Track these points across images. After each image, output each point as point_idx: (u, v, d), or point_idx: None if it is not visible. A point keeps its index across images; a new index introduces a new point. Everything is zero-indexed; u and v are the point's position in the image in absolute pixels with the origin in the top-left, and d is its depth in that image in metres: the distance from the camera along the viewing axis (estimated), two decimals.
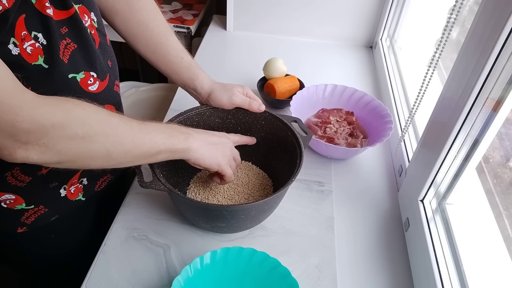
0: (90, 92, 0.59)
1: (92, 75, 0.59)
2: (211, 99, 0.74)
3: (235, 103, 0.74)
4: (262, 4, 1.29)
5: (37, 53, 0.50)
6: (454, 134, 0.59)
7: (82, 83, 0.58)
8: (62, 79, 0.55)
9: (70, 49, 0.55)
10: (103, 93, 0.62)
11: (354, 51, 1.31)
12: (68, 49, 0.55)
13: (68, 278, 0.77)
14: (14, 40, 0.48)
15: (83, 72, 0.58)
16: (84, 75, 0.58)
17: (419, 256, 0.65)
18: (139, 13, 0.72)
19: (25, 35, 0.49)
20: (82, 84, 0.58)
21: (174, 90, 1.10)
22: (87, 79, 0.58)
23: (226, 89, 0.74)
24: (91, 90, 0.60)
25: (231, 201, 0.73)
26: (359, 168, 0.88)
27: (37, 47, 0.50)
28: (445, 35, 0.63)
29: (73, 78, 0.56)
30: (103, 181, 0.73)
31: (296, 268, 0.65)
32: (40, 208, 0.65)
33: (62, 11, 0.54)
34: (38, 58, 0.51)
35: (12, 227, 0.66)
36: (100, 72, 0.61)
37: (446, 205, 0.68)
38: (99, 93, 0.61)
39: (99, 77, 0.61)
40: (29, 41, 0.49)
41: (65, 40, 0.54)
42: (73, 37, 0.55)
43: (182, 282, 0.57)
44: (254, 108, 0.75)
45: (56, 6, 0.53)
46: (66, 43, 0.54)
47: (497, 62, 0.51)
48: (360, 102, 0.94)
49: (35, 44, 0.50)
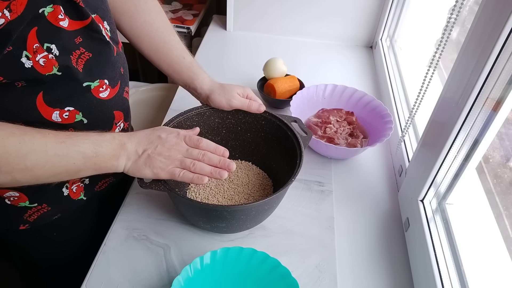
0: (101, 99, 0.60)
1: (105, 83, 0.60)
2: (210, 100, 0.74)
3: (234, 106, 0.74)
4: (262, 4, 1.29)
5: (51, 64, 0.51)
6: (454, 134, 0.59)
7: (94, 90, 0.59)
8: (76, 87, 0.56)
9: (85, 58, 0.56)
10: (113, 99, 0.63)
11: (354, 51, 1.31)
12: (82, 59, 0.56)
13: (68, 277, 0.77)
14: (26, 53, 0.48)
15: (98, 80, 0.59)
16: (98, 83, 0.59)
17: (419, 256, 0.65)
18: (145, 14, 0.73)
19: (37, 48, 0.49)
20: (94, 92, 0.59)
21: (174, 90, 1.10)
22: (100, 87, 0.59)
23: (226, 91, 0.74)
24: (101, 97, 0.60)
25: (231, 201, 0.73)
26: (359, 168, 0.88)
27: (50, 59, 0.51)
28: (445, 35, 0.63)
29: (87, 86, 0.57)
30: (104, 182, 0.73)
31: (296, 268, 0.65)
32: (43, 206, 0.65)
33: (77, 22, 0.54)
34: (53, 69, 0.51)
35: (15, 224, 0.66)
36: (112, 80, 0.61)
37: (446, 205, 0.68)
38: (109, 100, 0.62)
39: (110, 84, 0.61)
40: (42, 53, 0.50)
41: (79, 50, 0.55)
42: (87, 47, 0.56)
43: (182, 282, 0.57)
44: (253, 109, 0.74)
45: (72, 17, 0.53)
46: (80, 53, 0.55)
47: (497, 62, 0.51)
48: (360, 102, 0.94)
49: (48, 55, 0.50)
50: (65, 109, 0.56)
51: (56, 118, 0.55)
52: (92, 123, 0.60)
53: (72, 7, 0.53)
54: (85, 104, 0.58)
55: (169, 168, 0.58)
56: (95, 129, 0.62)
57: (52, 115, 0.55)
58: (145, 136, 0.60)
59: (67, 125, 0.58)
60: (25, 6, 0.46)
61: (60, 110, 0.55)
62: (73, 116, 0.57)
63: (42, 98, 0.53)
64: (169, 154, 0.59)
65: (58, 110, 0.55)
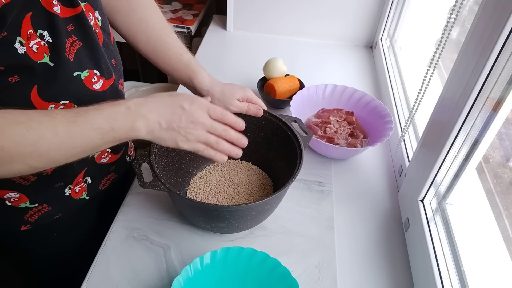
0: (95, 90, 0.60)
1: (95, 73, 0.59)
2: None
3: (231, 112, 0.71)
4: (262, 4, 1.29)
5: (42, 51, 0.51)
6: (454, 134, 0.59)
7: (86, 81, 0.58)
8: (67, 77, 0.55)
9: (76, 47, 0.55)
10: (108, 91, 0.62)
11: (354, 51, 1.31)
12: (74, 47, 0.55)
13: (68, 277, 0.77)
14: (20, 39, 0.48)
15: (88, 70, 0.58)
16: (88, 73, 0.58)
17: (419, 256, 0.65)
18: (140, 11, 0.72)
19: (31, 34, 0.49)
20: (86, 82, 0.58)
21: (174, 90, 1.10)
22: (91, 77, 0.59)
23: (225, 96, 0.72)
24: (95, 88, 0.60)
25: (231, 201, 0.73)
26: (359, 168, 0.88)
27: (43, 45, 0.51)
28: (445, 35, 0.63)
29: (77, 76, 0.56)
30: (107, 179, 0.73)
31: (296, 268, 0.65)
32: (44, 207, 0.65)
33: (69, 9, 0.54)
34: (44, 56, 0.51)
35: (16, 225, 0.66)
36: (104, 71, 0.61)
37: (446, 205, 0.68)
38: (104, 91, 0.61)
39: (103, 76, 0.61)
40: (35, 39, 0.50)
41: (71, 38, 0.54)
42: (78, 35, 0.56)
43: (182, 282, 0.57)
44: (251, 113, 0.73)
45: (64, 4, 0.53)
46: (72, 41, 0.55)
47: (497, 62, 0.51)
48: (360, 102, 0.94)
49: (41, 42, 0.50)
50: (60, 103, 0.55)
51: None
52: None
53: None
54: (79, 96, 0.57)
55: (193, 143, 0.59)
56: None
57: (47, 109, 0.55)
58: (166, 106, 0.57)
59: None
60: None
61: (56, 104, 0.55)
62: None
63: (36, 93, 0.52)
64: (195, 128, 0.58)
65: (53, 104, 0.55)
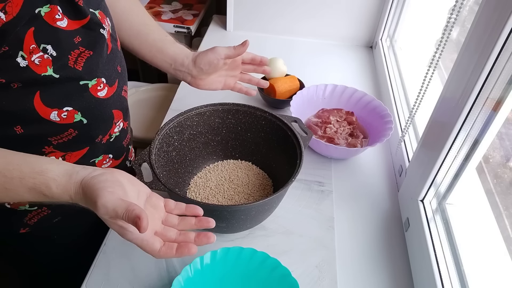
0: (99, 98, 0.60)
1: (102, 81, 0.60)
2: (197, 63, 0.73)
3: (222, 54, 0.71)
4: (262, 4, 1.29)
5: (45, 64, 0.51)
6: (454, 134, 0.59)
7: (92, 89, 0.58)
8: (73, 86, 0.56)
9: (85, 56, 0.56)
10: (111, 98, 0.63)
11: (354, 51, 1.31)
12: (83, 57, 0.55)
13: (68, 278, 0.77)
14: (22, 53, 0.48)
15: (96, 79, 0.58)
16: (96, 82, 0.58)
17: (419, 256, 0.65)
18: (121, 1, 0.73)
19: (34, 48, 0.49)
20: (92, 91, 0.58)
21: (174, 90, 1.10)
22: (98, 85, 0.59)
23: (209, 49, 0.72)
24: (100, 96, 0.60)
25: (231, 201, 0.73)
26: (359, 168, 0.88)
27: (46, 59, 0.51)
28: (445, 35, 0.63)
29: (84, 85, 0.57)
30: None
31: (296, 268, 0.65)
32: (43, 210, 0.65)
33: (76, 21, 0.54)
34: (47, 69, 0.51)
35: (15, 228, 0.66)
36: (109, 78, 0.61)
37: (446, 205, 0.68)
38: (107, 99, 0.62)
39: (108, 83, 0.61)
40: (37, 53, 0.50)
41: (78, 49, 0.55)
42: (87, 45, 0.56)
43: (182, 282, 0.57)
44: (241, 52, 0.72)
45: (71, 17, 0.53)
46: (79, 52, 0.55)
47: (497, 62, 0.51)
48: (360, 102, 0.94)
49: (44, 55, 0.50)
50: (63, 109, 0.56)
51: (54, 117, 0.55)
52: (91, 123, 0.60)
53: (71, 7, 0.53)
54: (83, 104, 0.58)
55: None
56: (95, 128, 0.62)
57: (50, 115, 0.55)
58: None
59: (66, 125, 0.57)
60: (20, 7, 0.46)
61: (59, 110, 0.55)
62: (72, 116, 0.57)
63: (39, 98, 0.53)
64: None
65: (56, 110, 0.55)
